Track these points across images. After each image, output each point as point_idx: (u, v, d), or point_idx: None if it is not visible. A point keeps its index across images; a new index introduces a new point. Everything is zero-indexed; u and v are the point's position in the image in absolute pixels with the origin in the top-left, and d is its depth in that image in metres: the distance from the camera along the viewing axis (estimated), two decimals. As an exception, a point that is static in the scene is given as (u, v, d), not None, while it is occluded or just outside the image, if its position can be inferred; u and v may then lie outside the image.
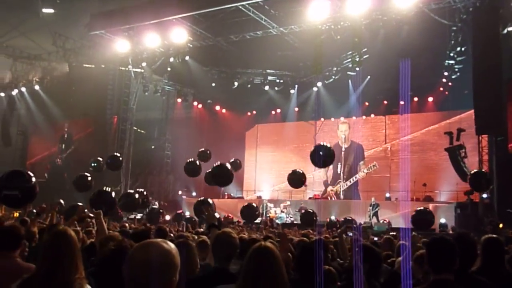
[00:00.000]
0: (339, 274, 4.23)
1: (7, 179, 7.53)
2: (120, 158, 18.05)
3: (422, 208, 15.42)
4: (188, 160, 18.09)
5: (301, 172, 16.13)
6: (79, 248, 2.96)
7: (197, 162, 18.17)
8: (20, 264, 3.74)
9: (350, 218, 18.45)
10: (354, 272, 3.47)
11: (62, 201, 16.27)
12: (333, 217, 20.81)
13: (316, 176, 25.72)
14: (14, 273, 3.15)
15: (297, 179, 16.09)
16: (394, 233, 10.01)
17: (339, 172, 25.79)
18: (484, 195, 16.84)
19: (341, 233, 6.15)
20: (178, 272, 2.09)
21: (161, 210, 19.49)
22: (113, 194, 12.63)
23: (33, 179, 7.71)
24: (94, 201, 10.98)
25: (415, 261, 4.44)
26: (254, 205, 16.71)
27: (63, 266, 2.76)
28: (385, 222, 19.79)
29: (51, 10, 21.52)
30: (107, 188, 13.34)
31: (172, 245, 2.10)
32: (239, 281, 2.68)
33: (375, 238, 12.86)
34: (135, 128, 25.73)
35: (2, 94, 28.60)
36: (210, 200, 13.01)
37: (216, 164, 13.81)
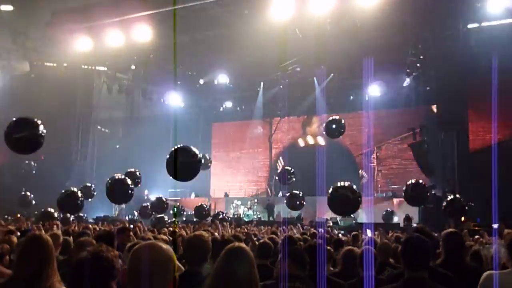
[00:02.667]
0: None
1: (15, 125, 8.24)
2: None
3: None
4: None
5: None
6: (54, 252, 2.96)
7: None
8: (1, 271, 3.79)
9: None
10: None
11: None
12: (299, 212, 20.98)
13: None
14: None
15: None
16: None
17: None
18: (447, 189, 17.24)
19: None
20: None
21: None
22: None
23: (41, 127, 8.36)
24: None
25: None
26: (204, 205, 17.76)
27: (45, 270, 2.76)
28: (351, 216, 20.02)
29: (9, 7, 20.90)
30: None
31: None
32: (210, 281, 2.66)
33: (341, 233, 13.04)
34: (98, 127, 25.32)
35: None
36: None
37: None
